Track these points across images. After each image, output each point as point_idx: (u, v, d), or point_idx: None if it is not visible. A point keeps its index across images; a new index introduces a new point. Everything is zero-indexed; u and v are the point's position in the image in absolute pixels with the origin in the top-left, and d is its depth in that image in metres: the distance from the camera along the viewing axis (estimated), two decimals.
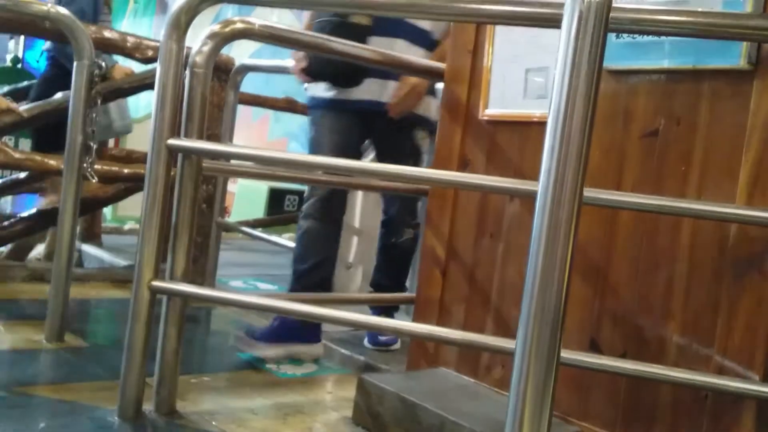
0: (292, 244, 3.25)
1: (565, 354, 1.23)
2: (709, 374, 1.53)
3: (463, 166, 2.06)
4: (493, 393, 1.91)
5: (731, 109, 1.55)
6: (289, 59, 3.15)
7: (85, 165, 2.34)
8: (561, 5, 1.12)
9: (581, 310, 1.76)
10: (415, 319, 2.16)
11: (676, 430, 1.60)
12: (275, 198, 5.84)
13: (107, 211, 5.34)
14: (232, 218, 4.78)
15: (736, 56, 1.52)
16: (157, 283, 1.74)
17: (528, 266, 1.09)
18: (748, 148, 1.51)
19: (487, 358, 1.97)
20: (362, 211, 3.20)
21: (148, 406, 1.80)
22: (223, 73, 3.19)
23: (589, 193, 1.25)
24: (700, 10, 1.49)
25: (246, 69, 3.32)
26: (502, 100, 1.99)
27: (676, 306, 1.62)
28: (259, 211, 5.67)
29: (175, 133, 1.74)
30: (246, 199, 5.96)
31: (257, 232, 3.74)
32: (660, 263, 1.64)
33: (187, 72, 1.76)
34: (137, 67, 3.26)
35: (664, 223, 1.64)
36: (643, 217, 1.68)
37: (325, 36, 2.26)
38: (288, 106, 4.40)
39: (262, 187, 5.85)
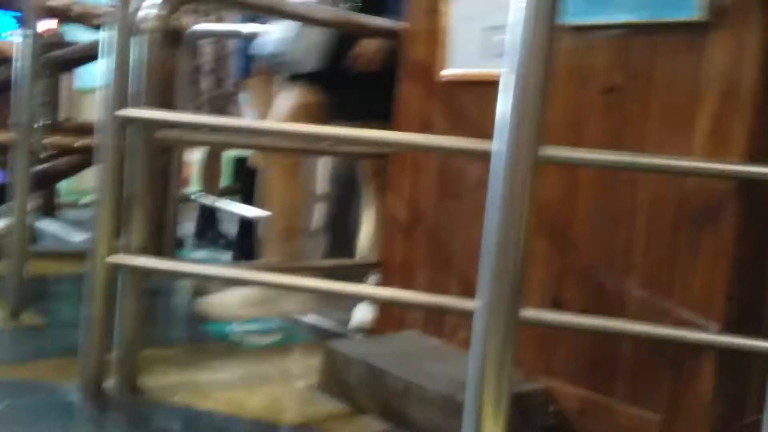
0: (254, 212, 3.22)
1: (526, 312, 1.23)
2: (670, 326, 1.54)
3: (424, 128, 2.04)
4: (460, 354, 1.92)
5: (688, 63, 1.55)
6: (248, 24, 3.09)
7: (35, 139, 2.27)
8: None
9: (543, 269, 1.77)
10: (380, 284, 2.16)
11: (638, 383, 1.62)
12: (243, 167, 5.74)
13: (63, 185, 5.22)
14: (195, 188, 4.69)
15: (691, 8, 1.51)
16: (113, 259, 1.70)
17: (486, 226, 1.08)
18: (704, 102, 1.51)
19: (452, 320, 1.98)
20: (323, 177, 3.18)
21: (109, 383, 1.77)
22: (176, 39, 3.10)
23: (546, 151, 1.24)
24: None
25: (200, 34, 3.23)
26: (460, 59, 1.97)
27: (636, 260, 1.63)
28: (225, 181, 5.59)
29: (126, 103, 1.70)
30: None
31: (217, 203, 3.69)
32: (620, 219, 1.65)
33: (136, 39, 1.70)
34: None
35: (624, 178, 1.64)
36: (602, 174, 1.68)
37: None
38: None
39: (226, 156, 5.75)
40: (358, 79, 2.48)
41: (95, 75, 1.80)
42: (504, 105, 1.08)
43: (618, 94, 1.65)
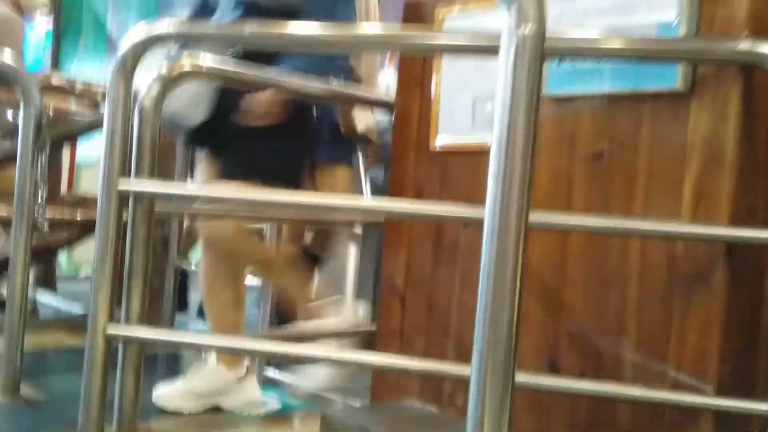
0: (251, 282, 3.24)
1: (522, 377, 1.24)
2: (665, 390, 1.55)
3: (417, 195, 2.08)
4: (457, 421, 1.91)
5: (672, 130, 1.60)
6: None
7: (35, 213, 2.30)
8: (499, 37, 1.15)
9: (538, 333, 1.78)
10: (377, 349, 2.16)
11: None
12: None
13: (63, 258, 5.25)
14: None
15: (672, 79, 1.57)
16: (112, 330, 1.71)
17: (479, 292, 1.11)
18: (689, 166, 1.56)
19: (449, 386, 1.98)
20: None
21: None
22: None
23: (536, 217, 1.27)
24: (635, 36, 1.55)
25: None
26: (451, 129, 2.02)
27: (629, 324, 1.64)
28: None
29: (126, 175, 1.73)
30: None
31: None
32: (612, 283, 1.67)
33: (136, 115, 1.75)
34: None
35: (614, 243, 1.67)
36: (593, 239, 1.71)
37: (275, 75, 2.27)
38: None
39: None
40: (249, 134, 2.32)
41: (94, 149, 1.85)
42: (494, 172, 1.11)
43: (605, 161, 1.69)
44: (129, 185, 1.74)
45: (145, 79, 1.82)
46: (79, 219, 2.85)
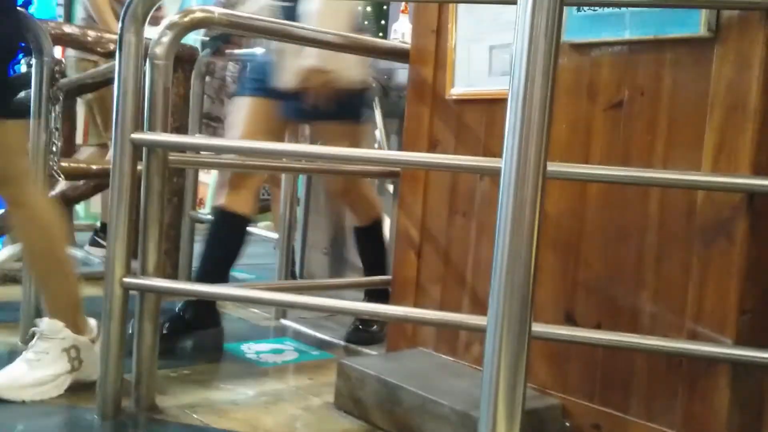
0: (267, 234, 3.25)
1: (538, 328, 1.24)
2: (683, 340, 1.54)
3: (433, 146, 2.06)
4: (473, 370, 1.92)
5: (693, 78, 1.56)
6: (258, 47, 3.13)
7: (51, 164, 2.30)
8: None
9: (555, 284, 1.77)
10: (393, 301, 2.17)
11: (652, 398, 1.62)
12: None
13: (80, 208, 5.28)
14: (207, 209, 4.74)
15: (696, 24, 1.53)
16: (128, 280, 1.73)
17: (495, 243, 1.09)
18: (711, 115, 1.52)
19: (465, 336, 1.98)
20: None
21: (127, 403, 1.79)
22: (187, 63, 3.15)
23: (554, 167, 1.25)
24: None
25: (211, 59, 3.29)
26: (468, 78, 1.98)
27: (648, 275, 1.63)
28: None
29: (139, 127, 1.73)
30: None
31: None
32: (630, 234, 1.66)
33: (148, 64, 1.73)
34: None
35: (633, 193, 1.65)
36: (611, 189, 1.68)
37: (288, 22, 2.23)
38: None
39: None
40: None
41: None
42: (511, 122, 1.09)
43: (624, 110, 1.66)
44: (142, 136, 1.73)
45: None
46: (95, 169, 2.84)
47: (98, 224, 4.07)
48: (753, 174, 1.47)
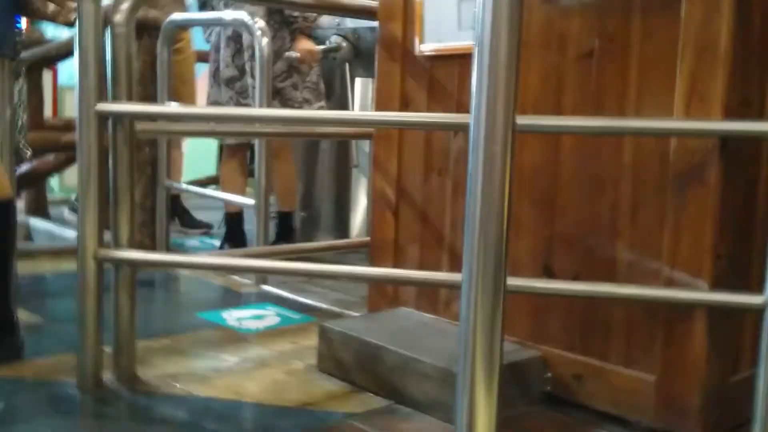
0: (243, 200, 3.22)
1: (514, 281, 1.24)
2: (660, 287, 1.55)
3: (405, 104, 2.04)
4: (454, 327, 1.92)
5: (663, 23, 1.54)
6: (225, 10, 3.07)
7: (18, 138, 2.26)
8: None
9: (533, 238, 1.77)
10: (372, 262, 2.16)
11: (632, 345, 1.63)
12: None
13: (54, 183, 5.21)
14: (184, 178, 4.70)
15: None
16: (102, 252, 1.70)
17: (467, 199, 1.08)
18: (682, 61, 1.51)
19: (445, 293, 1.99)
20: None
21: (108, 376, 1.78)
22: (154, 29, 3.08)
23: (525, 120, 1.24)
24: None
25: (177, 24, 3.21)
26: (437, 34, 1.95)
27: (623, 224, 1.63)
28: (211, 169, 5.57)
29: (104, 97, 1.69)
30: (197, 157, 5.85)
31: (207, 191, 3.69)
32: (605, 183, 1.65)
33: (108, 32, 1.69)
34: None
35: (606, 143, 1.64)
36: (585, 140, 1.67)
37: None
38: None
39: (212, 145, 5.73)
40: None
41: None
42: (477, 76, 1.07)
43: (595, 59, 1.64)
44: (107, 106, 1.69)
45: None
46: (64, 141, 2.80)
47: (73, 197, 4.02)
48: (725, 118, 1.46)
